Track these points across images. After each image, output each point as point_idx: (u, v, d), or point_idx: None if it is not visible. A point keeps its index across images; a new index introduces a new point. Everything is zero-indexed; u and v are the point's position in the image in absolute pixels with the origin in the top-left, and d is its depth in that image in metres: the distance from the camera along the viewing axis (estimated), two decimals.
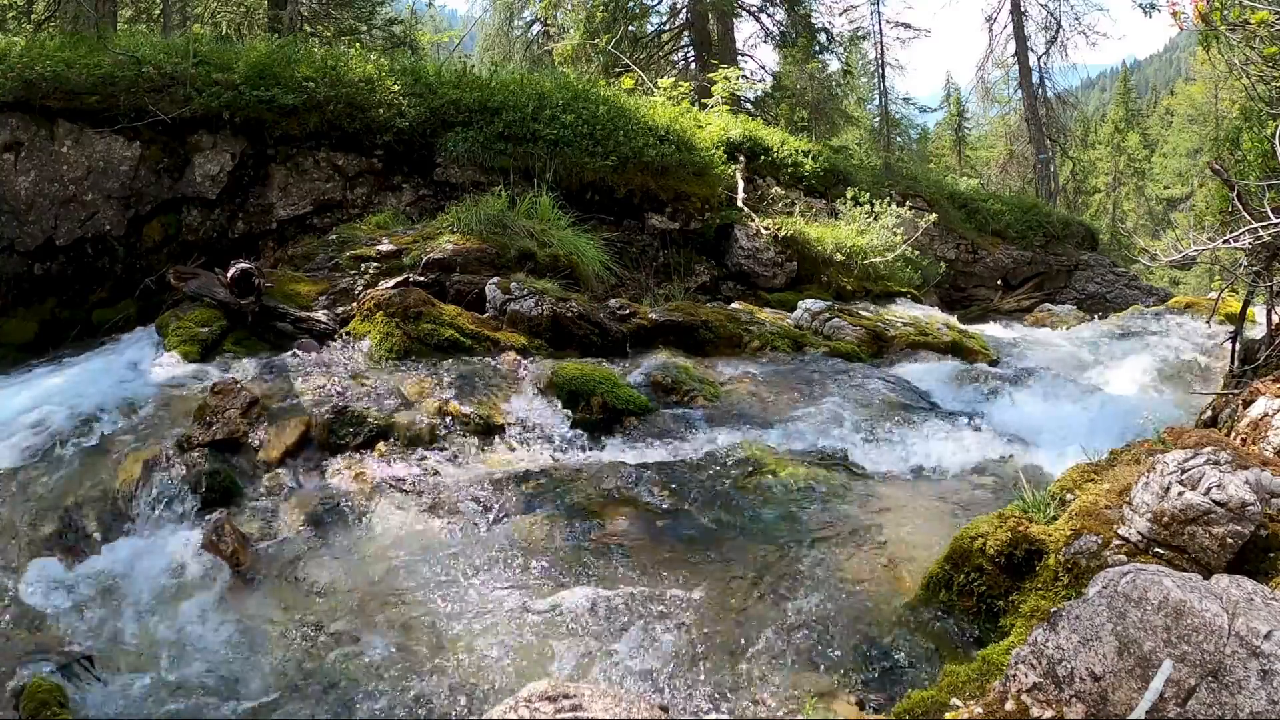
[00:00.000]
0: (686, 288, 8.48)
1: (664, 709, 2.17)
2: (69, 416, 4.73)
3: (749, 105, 16.99)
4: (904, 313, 8.57)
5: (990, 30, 23.39)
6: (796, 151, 11.63)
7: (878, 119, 23.28)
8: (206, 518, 3.97)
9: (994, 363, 7.20)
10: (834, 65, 20.32)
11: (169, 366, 5.43)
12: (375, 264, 6.65)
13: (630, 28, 18.64)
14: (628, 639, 3.11)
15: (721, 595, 3.33)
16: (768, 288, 9.03)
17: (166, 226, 7.51)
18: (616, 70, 16.26)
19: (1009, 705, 2.04)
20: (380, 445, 4.53)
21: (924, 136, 29.23)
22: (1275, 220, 3.67)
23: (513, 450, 4.70)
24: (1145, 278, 16.17)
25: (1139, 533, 2.72)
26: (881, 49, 21.30)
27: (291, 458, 4.43)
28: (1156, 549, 2.66)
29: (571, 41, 18.54)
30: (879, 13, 21.16)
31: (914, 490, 4.27)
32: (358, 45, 12.44)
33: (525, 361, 5.60)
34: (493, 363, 5.55)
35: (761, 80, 19.07)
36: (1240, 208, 3.94)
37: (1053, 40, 22.71)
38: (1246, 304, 4.72)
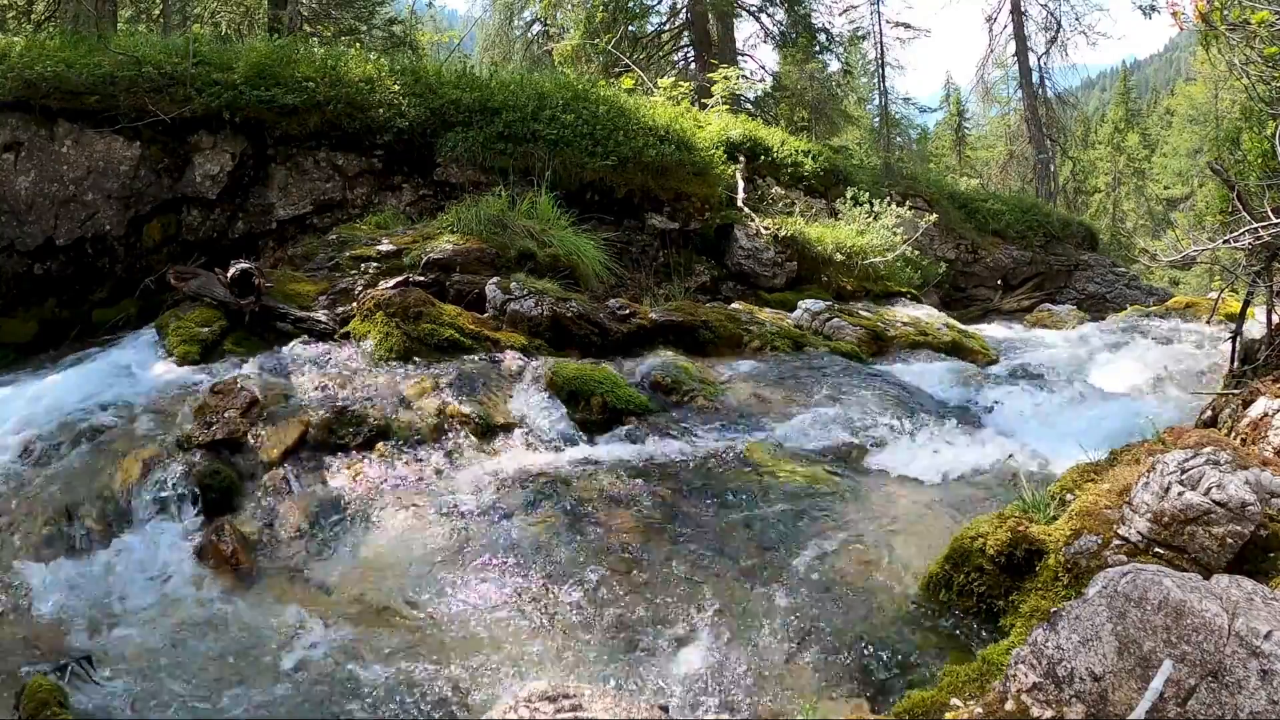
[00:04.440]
0: (686, 288, 8.48)
1: (664, 709, 2.17)
2: (69, 416, 4.72)
3: (749, 105, 17.00)
4: (904, 313, 8.57)
5: (990, 30, 23.43)
6: (796, 151, 11.64)
7: (878, 119, 23.31)
8: (206, 517, 3.97)
9: (994, 363, 7.20)
10: (834, 65, 20.36)
11: (169, 366, 5.42)
12: (375, 264, 6.65)
13: (630, 28, 18.66)
14: (628, 639, 3.11)
15: (721, 595, 3.33)
16: (768, 288, 9.03)
17: (166, 226, 7.51)
18: (616, 70, 16.26)
19: (1009, 705, 2.04)
20: (380, 445, 4.52)
21: (924, 136, 29.25)
22: (1275, 220, 3.67)
23: (513, 450, 4.70)
24: (1145, 278, 16.18)
25: (1139, 533, 2.72)
26: (881, 49, 21.33)
27: (291, 458, 4.42)
28: (1156, 549, 2.66)
29: (571, 41, 18.55)
30: (879, 13, 21.21)
31: (914, 490, 4.27)
32: (358, 45, 12.46)
33: (525, 361, 5.59)
34: (493, 363, 5.54)
35: (761, 80, 19.10)
36: (1240, 208, 3.95)
37: (1053, 40, 22.74)
38: (1246, 304, 4.71)
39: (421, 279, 6.39)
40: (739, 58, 18.64)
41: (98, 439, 4.52)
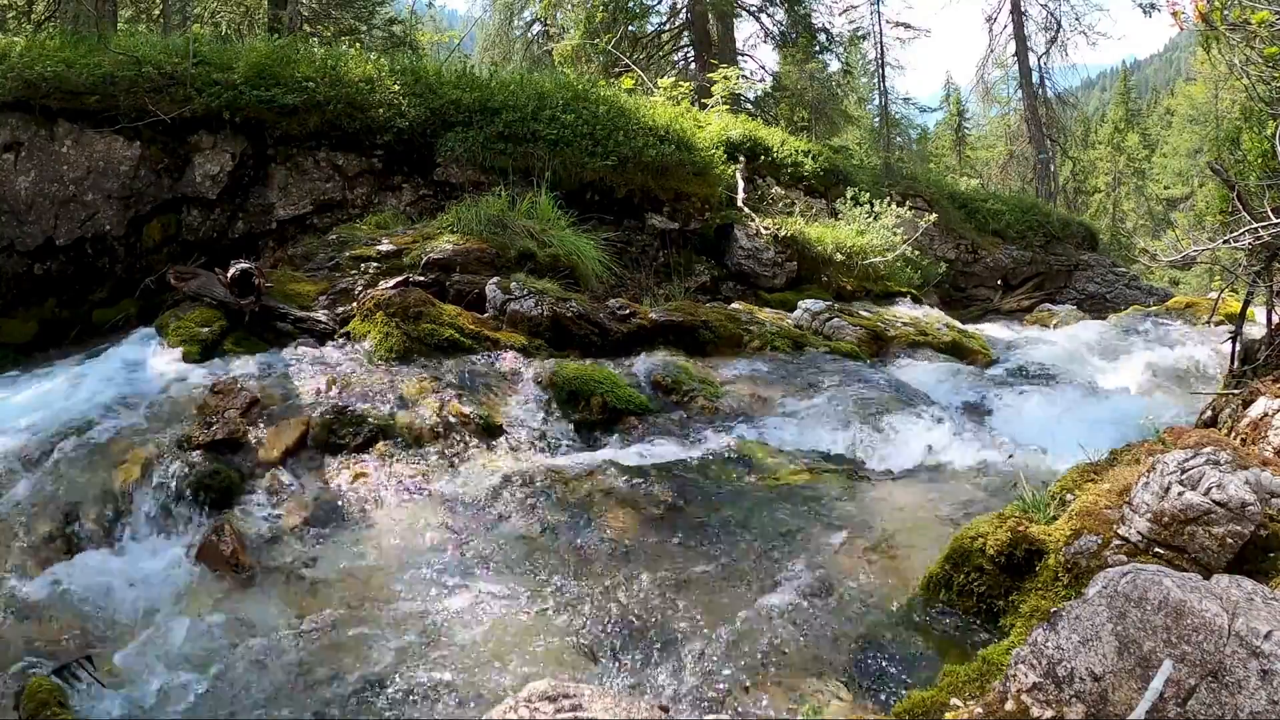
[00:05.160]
0: (686, 288, 8.48)
1: (664, 709, 2.17)
2: (68, 417, 4.72)
3: (749, 105, 17.01)
4: (904, 313, 8.57)
5: (990, 30, 23.47)
6: (796, 151, 11.65)
7: (878, 119, 23.31)
8: (206, 518, 3.97)
9: (993, 362, 7.21)
10: (834, 65, 20.38)
11: (169, 366, 5.42)
12: (375, 264, 6.65)
13: (630, 28, 18.67)
14: (628, 639, 3.11)
15: (721, 595, 3.33)
16: (768, 288, 9.03)
17: (166, 226, 7.51)
18: (616, 70, 16.26)
19: (1009, 705, 2.04)
20: (380, 445, 4.52)
21: (924, 136, 29.27)
22: (1275, 220, 3.67)
23: (513, 450, 4.70)
24: (1145, 278, 16.18)
25: (1139, 533, 2.72)
26: (881, 49, 21.33)
27: (291, 458, 4.43)
28: (1156, 549, 2.66)
29: (571, 41, 18.56)
30: (879, 13, 21.21)
31: (914, 490, 4.27)
32: (358, 45, 12.46)
33: (525, 361, 5.59)
34: (493, 363, 5.54)
35: (761, 80, 19.12)
36: (1240, 208, 3.95)
37: (1053, 40, 22.78)
38: (1246, 304, 4.72)
39: (421, 279, 6.39)
40: (739, 58, 18.65)
41: (97, 439, 4.51)
